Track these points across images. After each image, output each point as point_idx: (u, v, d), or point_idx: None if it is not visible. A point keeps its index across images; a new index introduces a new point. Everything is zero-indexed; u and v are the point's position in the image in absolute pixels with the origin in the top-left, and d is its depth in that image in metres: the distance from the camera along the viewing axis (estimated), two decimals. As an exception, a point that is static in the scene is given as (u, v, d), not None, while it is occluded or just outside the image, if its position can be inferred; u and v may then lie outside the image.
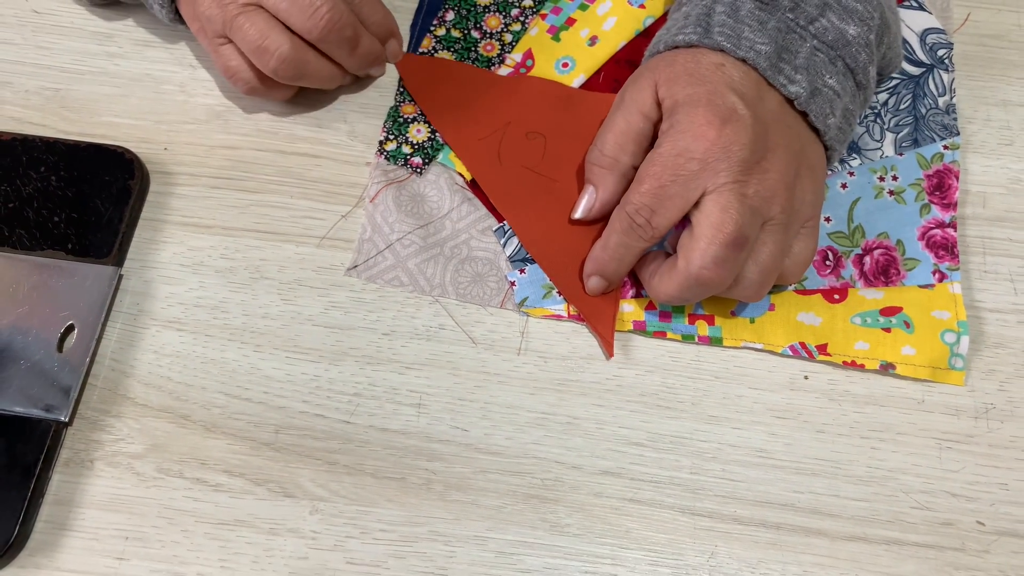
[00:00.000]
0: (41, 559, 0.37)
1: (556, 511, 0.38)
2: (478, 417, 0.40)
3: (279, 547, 0.38)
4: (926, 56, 0.47)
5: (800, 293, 0.42)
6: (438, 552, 0.37)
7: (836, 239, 0.43)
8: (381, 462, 0.39)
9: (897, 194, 0.44)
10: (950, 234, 0.43)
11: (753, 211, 0.37)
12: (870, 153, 0.45)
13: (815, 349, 0.41)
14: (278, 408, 0.40)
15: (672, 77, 0.39)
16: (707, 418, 0.40)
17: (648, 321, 0.41)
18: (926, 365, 0.40)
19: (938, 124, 0.46)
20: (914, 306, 0.42)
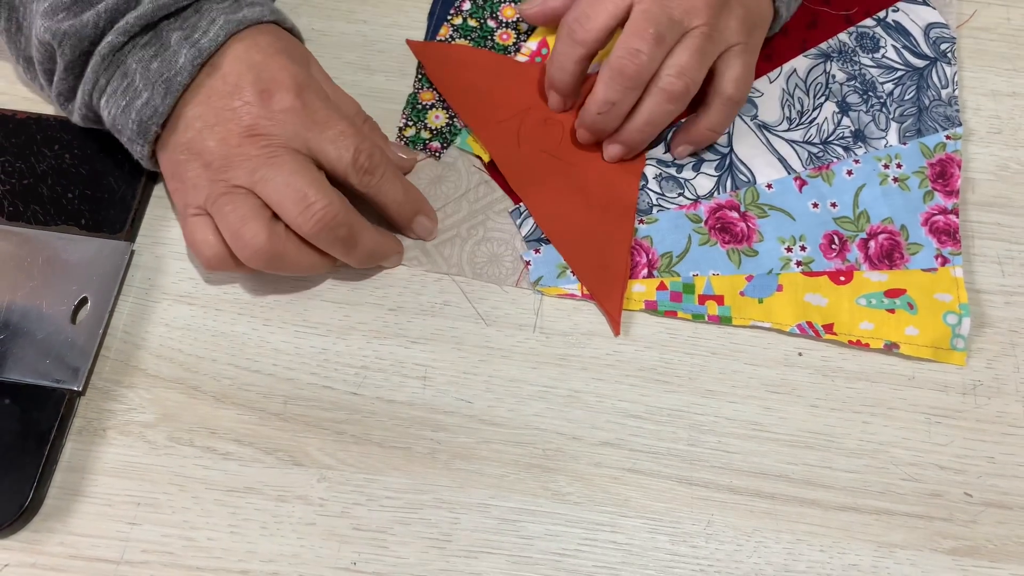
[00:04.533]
0: (55, 524, 0.38)
1: (557, 480, 0.39)
2: (482, 390, 0.41)
3: (287, 514, 0.39)
4: (930, 50, 0.49)
5: (807, 275, 0.43)
6: (442, 519, 0.39)
7: (842, 223, 0.45)
8: (387, 432, 0.40)
9: (901, 181, 0.45)
10: (952, 220, 0.44)
11: (672, 20, 0.41)
12: (875, 142, 0.47)
13: (822, 328, 0.42)
14: (287, 380, 0.41)
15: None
16: (704, 392, 0.41)
17: (660, 301, 0.43)
18: (929, 345, 0.42)
19: (941, 115, 0.47)
20: (917, 289, 0.43)
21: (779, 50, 0.49)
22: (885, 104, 0.47)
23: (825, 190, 0.45)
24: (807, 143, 0.47)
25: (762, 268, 0.43)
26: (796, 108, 0.48)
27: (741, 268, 0.43)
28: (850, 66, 0.49)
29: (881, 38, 0.49)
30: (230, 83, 0.39)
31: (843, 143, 0.47)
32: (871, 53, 0.49)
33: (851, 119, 0.47)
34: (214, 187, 0.38)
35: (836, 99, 0.48)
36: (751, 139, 0.47)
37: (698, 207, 0.45)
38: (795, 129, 0.47)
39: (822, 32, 0.50)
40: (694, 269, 0.43)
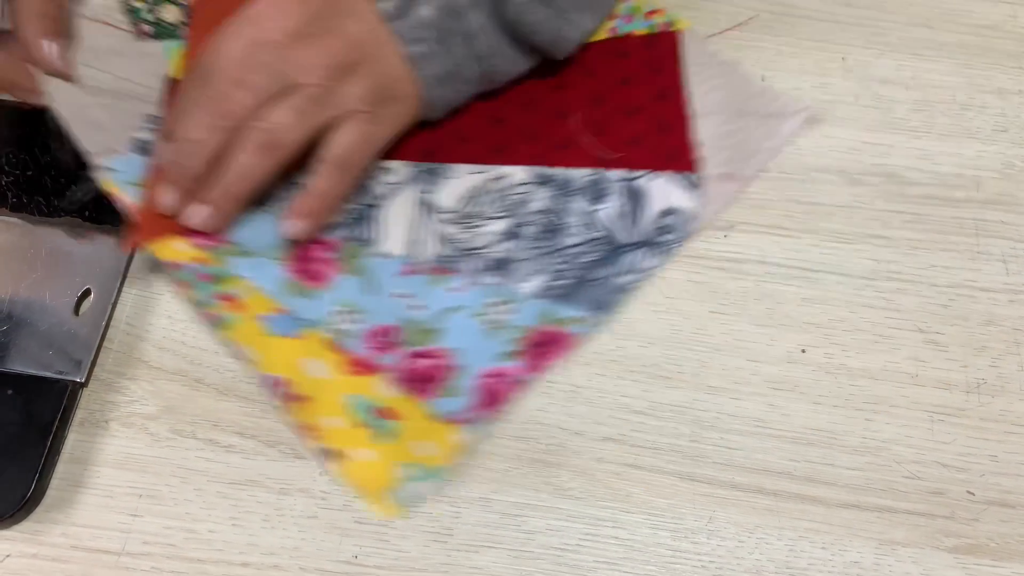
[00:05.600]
0: (57, 515, 0.38)
1: (559, 475, 0.39)
2: (484, 384, 0.41)
3: (289, 506, 0.39)
4: (648, 234, 0.44)
5: (336, 348, 0.41)
6: (444, 512, 0.39)
7: (408, 326, 0.41)
8: (389, 426, 0.40)
9: (496, 326, 0.42)
10: (505, 391, 0.40)
11: (280, 73, 0.39)
12: (507, 283, 0.43)
13: (295, 395, 0.39)
14: (289, 373, 0.41)
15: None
16: (707, 388, 0.41)
17: (187, 270, 0.41)
18: (367, 480, 0.38)
19: (593, 298, 0.42)
20: (411, 425, 0.39)
21: (511, 147, 0.46)
22: (553, 254, 0.43)
23: (422, 290, 0.42)
24: (452, 242, 0.44)
25: (302, 311, 0.41)
26: (475, 208, 0.44)
27: (284, 298, 0.41)
28: (559, 202, 0.44)
29: (612, 195, 0.45)
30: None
31: (484, 264, 0.43)
32: (591, 201, 0.44)
33: (508, 248, 0.43)
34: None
35: (515, 222, 0.44)
36: (406, 209, 0.44)
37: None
38: (455, 224, 0.44)
39: (565, 155, 0.46)
40: (249, 270, 0.42)
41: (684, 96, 0.47)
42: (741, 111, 0.47)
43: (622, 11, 0.50)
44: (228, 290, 0.41)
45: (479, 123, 0.47)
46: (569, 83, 0.48)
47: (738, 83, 0.48)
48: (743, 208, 0.45)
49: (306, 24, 0.40)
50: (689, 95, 0.47)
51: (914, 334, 0.43)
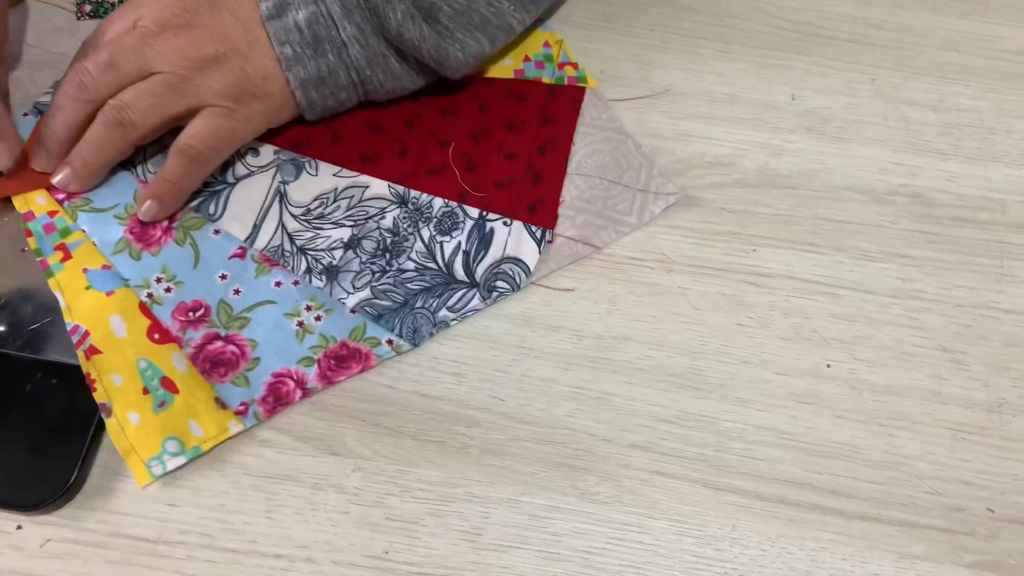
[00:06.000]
0: (96, 502, 0.39)
1: (586, 479, 0.40)
2: (514, 388, 0.42)
3: (322, 501, 0.39)
4: (480, 277, 0.44)
5: (143, 308, 0.42)
6: (473, 512, 0.39)
7: (221, 308, 0.43)
8: (422, 425, 0.41)
9: (306, 330, 0.42)
10: (290, 394, 0.41)
11: (139, 57, 0.42)
12: (333, 288, 0.43)
13: (90, 345, 0.40)
14: (325, 371, 0.42)
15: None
16: (733, 400, 0.42)
17: (37, 218, 0.44)
18: (128, 441, 0.39)
19: (409, 326, 0.43)
20: (190, 401, 0.40)
21: (380, 159, 0.47)
22: (384, 273, 0.44)
23: (247, 276, 0.43)
24: (294, 236, 0.44)
25: (125, 270, 0.43)
26: (325, 210, 0.45)
27: (113, 256, 0.43)
28: (407, 225, 0.45)
29: (462, 231, 0.45)
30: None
31: (314, 265, 0.44)
32: (437, 232, 0.45)
33: (343, 256, 0.44)
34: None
35: (357, 235, 0.45)
36: (260, 194, 0.46)
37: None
38: (303, 220, 0.45)
39: (430, 181, 0.46)
40: (91, 224, 0.44)
41: (568, 152, 0.48)
42: (615, 181, 0.47)
43: (535, 56, 0.51)
44: (66, 241, 0.43)
45: (355, 127, 0.48)
46: (458, 111, 0.48)
47: (622, 153, 0.48)
48: (771, 224, 0.46)
49: (180, 14, 0.43)
50: (571, 153, 0.48)
51: (937, 353, 0.43)
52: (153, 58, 0.42)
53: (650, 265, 0.45)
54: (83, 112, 0.43)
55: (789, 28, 0.53)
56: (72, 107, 0.43)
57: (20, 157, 0.44)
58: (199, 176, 0.44)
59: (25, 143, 0.45)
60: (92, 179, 0.44)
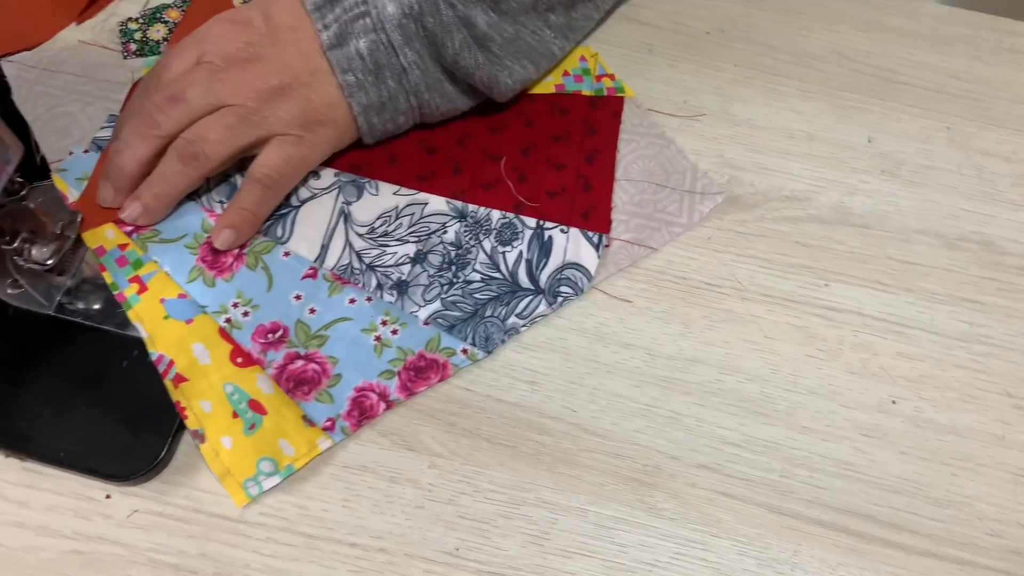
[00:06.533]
0: (182, 478, 0.41)
1: (653, 495, 0.41)
2: (587, 400, 0.43)
3: (398, 495, 0.41)
4: (544, 283, 0.46)
5: (223, 333, 0.43)
6: (542, 517, 0.41)
7: (299, 328, 0.44)
8: (496, 429, 0.42)
9: (383, 343, 0.44)
10: (374, 407, 0.42)
11: (210, 91, 0.43)
12: (404, 302, 0.45)
13: (175, 374, 0.42)
14: (406, 370, 0.44)
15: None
16: (799, 428, 0.43)
17: (108, 255, 0.44)
18: (225, 465, 0.40)
19: (482, 334, 0.44)
20: (281, 422, 0.41)
21: (437, 177, 0.48)
22: (452, 285, 0.45)
23: (320, 296, 0.45)
24: (360, 255, 0.46)
25: (201, 298, 0.44)
26: (388, 227, 0.47)
27: (187, 284, 0.44)
28: (469, 237, 0.47)
29: (521, 240, 0.47)
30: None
31: (384, 281, 0.45)
32: (500, 243, 0.47)
33: (411, 271, 0.46)
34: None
35: (423, 250, 0.46)
36: (325, 215, 0.47)
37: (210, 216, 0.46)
38: (368, 238, 0.46)
39: (486, 195, 0.48)
40: (163, 255, 0.45)
41: (614, 160, 0.49)
42: (662, 184, 0.49)
43: (573, 70, 0.53)
44: (140, 273, 0.44)
45: (411, 148, 0.49)
46: (506, 128, 0.50)
47: (666, 157, 0.50)
48: (844, 260, 0.47)
49: (244, 48, 0.44)
50: (617, 160, 0.50)
51: (1002, 397, 0.44)
52: (222, 92, 0.44)
53: (725, 292, 0.46)
54: (153, 147, 0.44)
55: (868, 72, 0.54)
56: (142, 143, 0.44)
57: (87, 194, 0.46)
58: (273, 203, 0.46)
59: (88, 179, 0.47)
60: (162, 213, 0.45)
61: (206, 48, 0.44)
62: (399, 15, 0.44)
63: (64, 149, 0.48)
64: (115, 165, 0.45)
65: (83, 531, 0.40)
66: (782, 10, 0.56)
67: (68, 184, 0.47)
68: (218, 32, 0.45)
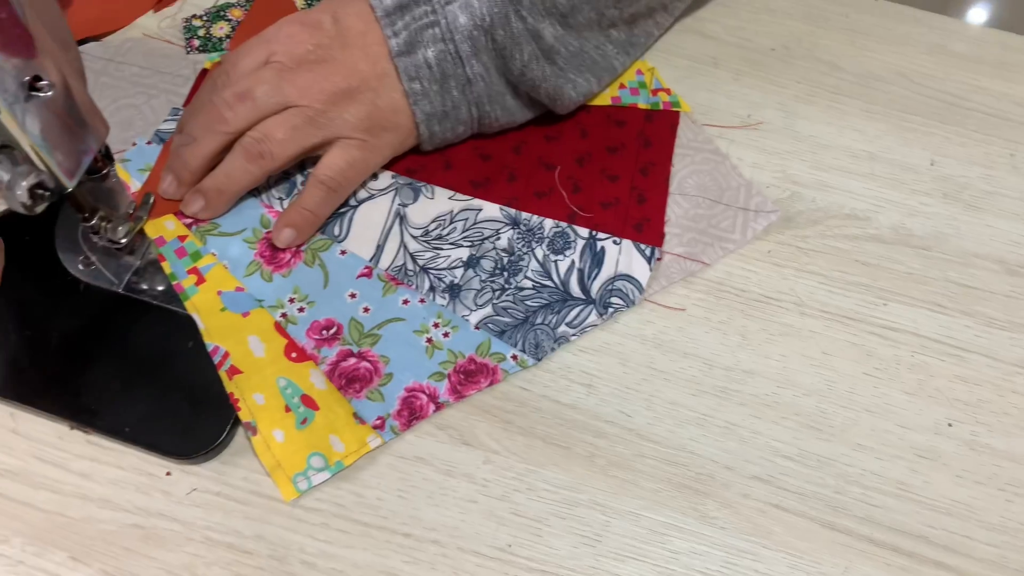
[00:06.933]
0: (241, 459, 0.41)
1: (706, 503, 0.41)
2: (642, 407, 0.43)
3: (452, 488, 0.41)
4: (596, 293, 0.46)
5: (278, 327, 0.44)
6: (595, 519, 0.41)
7: (353, 326, 0.44)
8: (551, 429, 0.43)
9: (435, 346, 0.44)
10: (424, 408, 0.42)
11: (278, 91, 0.44)
12: (456, 305, 0.45)
13: (231, 365, 0.42)
14: (464, 366, 0.44)
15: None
16: (854, 445, 0.43)
17: (168, 247, 0.45)
18: (276, 458, 0.41)
19: (532, 341, 0.44)
20: (332, 418, 0.42)
21: (491, 184, 0.49)
22: (504, 291, 0.46)
23: (374, 295, 0.45)
24: (416, 256, 0.46)
25: (258, 292, 0.45)
26: (443, 231, 0.47)
27: (245, 278, 0.45)
28: (521, 245, 0.47)
29: (574, 249, 0.47)
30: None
31: (436, 283, 0.46)
32: (551, 252, 0.47)
33: (463, 275, 0.46)
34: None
35: (476, 255, 0.47)
36: (381, 216, 0.47)
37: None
38: (423, 240, 0.47)
39: (539, 203, 0.48)
40: (221, 248, 0.45)
41: (668, 173, 0.50)
42: (717, 200, 0.49)
43: (630, 83, 0.53)
44: (198, 265, 0.45)
45: (466, 155, 0.50)
46: (561, 137, 0.51)
47: (721, 173, 0.50)
48: (902, 281, 0.47)
49: (313, 50, 0.45)
50: (671, 174, 0.50)
51: (1060, 427, 0.44)
52: (290, 92, 0.44)
53: (784, 306, 0.46)
54: (219, 143, 0.45)
55: (932, 96, 0.54)
56: (208, 138, 0.45)
57: (148, 185, 0.47)
58: (334, 205, 0.47)
59: (150, 170, 0.48)
60: (224, 208, 0.46)
61: (275, 48, 0.45)
62: (470, 26, 0.44)
63: (127, 140, 0.49)
64: (180, 158, 0.45)
65: (143, 506, 0.40)
66: (847, 30, 0.57)
67: (130, 174, 0.48)
68: (288, 33, 0.45)
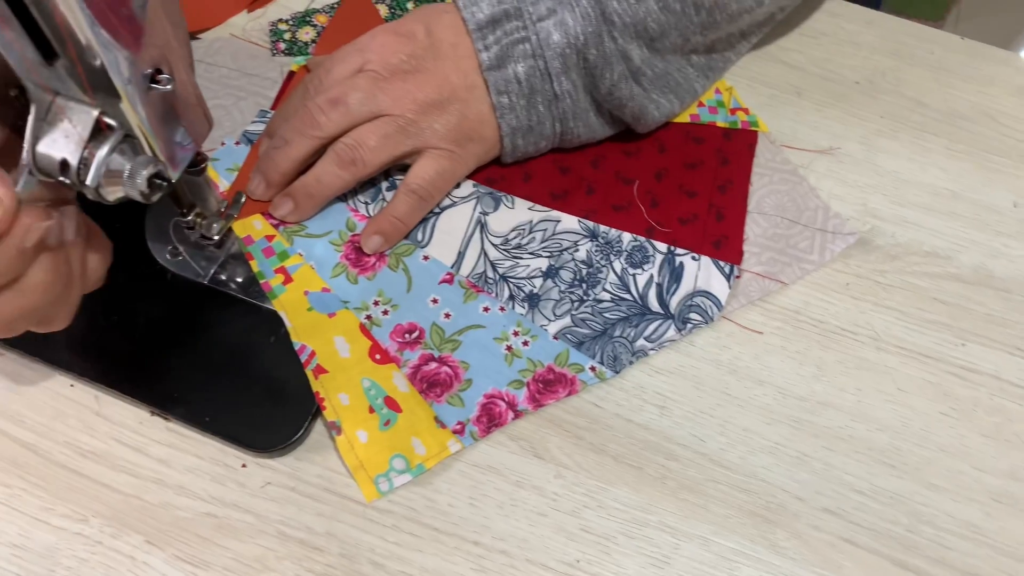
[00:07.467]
0: (315, 456, 0.42)
1: (776, 532, 0.41)
2: (716, 432, 0.43)
3: (523, 499, 0.41)
4: (674, 308, 0.46)
5: (363, 328, 0.44)
6: (664, 541, 0.41)
7: (434, 331, 0.45)
8: (623, 448, 0.43)
9: (514, 353, 0.44)
10: (503, 415, 0.43)
11: (372, 99, 0.45)
12: (535, 314, 0.45)
13: (317, 364, 0.43)
14: (539, 378, 0.44)
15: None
16: (928, 484, 0.43)
17: (256, 245, 0.46)
18: (359, 459, 0.41)
19: (610, 354, 0.45)
20: (413, 420, 0.42)
21: (570, 196, 0.49)
22: (582, 303, 0.46)
23: (456, 301, 0.46)
24: (496, 264, 0.47)
25: (343, 294, 0.45)
26: (522, 240, 0.48)
27: (331, 279, 0.45)
28: (599, 257, 0.47)
29: (652, 264, 0.47)
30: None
31: (516, 292, 0.46)
32: (629, 265, 0.47)
33: (543, 285, 0.46)
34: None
35: (555, 265, 0.47)
36: (463, 223, 0.48)
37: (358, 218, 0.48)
38: (503, 249, 0.47)
39: (618, 217, 0.49)
40: (308, 249, 0.46)
41: (746, 192, 0.50)
42: (795, 220, 0.49)
43: (708, 101, 0.53)
44: (285, 265, 0.46)
45: (545, 167, 0.50)
46: (640, 152, 0.51)
47: (799, 194, 0.50)
48: (983, 322, 0.47)
49: (407, 60, 0.46)
50: (749, 192, 0.50)
51: None
52: (383, 101, 0.45)
53: (860, 339, 0.46)
54: (311, 147, 0.45)
55: (1017, 137, 0.54)
56: (301, 141, 0.45)
57: (237, 185, 0.48)
58: (423, 213, 0.47)
59: (237, 170, 0.49)
60: (312, 212, 0.47)
61: (369, 57, 0.46)
62: (563, 44, 0.45)
63: (216, 140, 0.50)
64: (271, 160, 0.46)
65: (218, 496, 0.41)
66: (933, 67, 0.56)
67: (218, 173, 0.49)
68: (382, 42, 0.46)
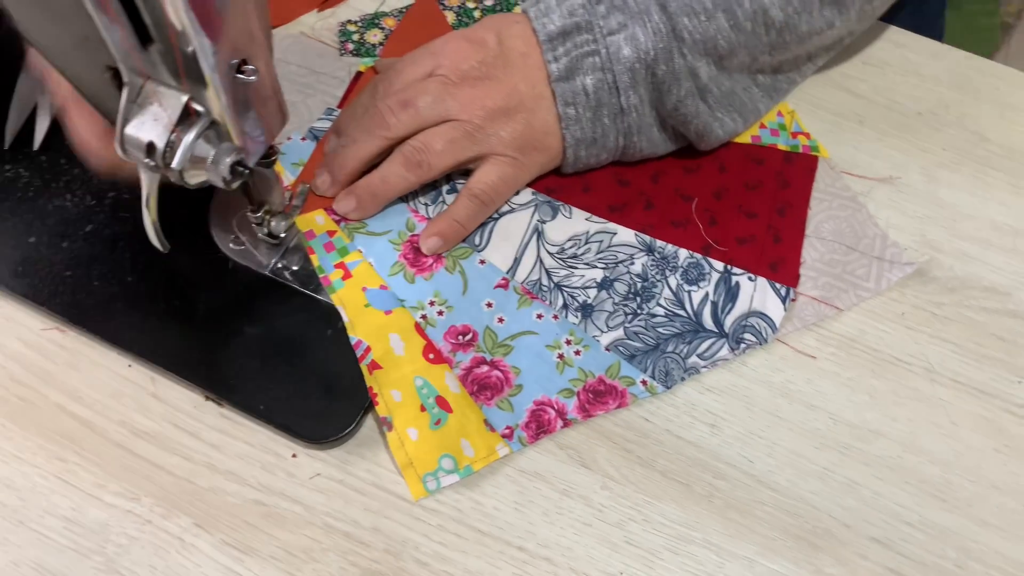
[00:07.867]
0: (366, 451, 0.42)
1: (821, 558, 0.41)
2: (764, 453, 0.43)
3: (568, 508, 0.41)
4: (728, 328, 0.46)
5: (418, 328, 0.44)
6: (709, 559, 0.41)
7: (487, 334, 0.45)
8: (671, 464, 0.43)
9: (566, 361, 0.45)
10: (552, 423, 0.43)
11: (440, 103, 0.45)
12: (587, 324, 0.46)
13: (372, 360, 0.43)
14: (590, 389, 0.44)
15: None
16: (979, 521, 0.42)
17: (319, 241, 0.47)
18: (408, 456, 0.41)
19: (662, 368, 0.45)
20: (464, 421, 0.42)
21: (628, 209, 0.50)
22: (636, 316, 0.46)
23: (510, 306, 0.46)
24: (551, 272, 0.47)
25: (400, 292, 0.46)
26: (578, 250, 0.48)
27: (389, 277, 0.46)
28: (655, 272, 0.47)
29: (708, 282, 0.47)
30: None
31: (570, 301, 0.46)
32: (684, 281, 0.47)
33: (597, 296, 0.47)
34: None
35: (610, 277, 0.47)
36: (520, 230, 0.48)
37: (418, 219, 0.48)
38: (558, 258, 0.48)
39: (675, 233, 0.49)
40: (368, 246, 0.47)
41: (805, 216, 0.50)
42: (852, 247, 0.49)
43: (770, 123, 0.53)
44: (345, 261, 0.46)
45: (604, 179, 0.51)
46: (700, 170, 0.51)
47: (858, 221, 0.50)
48: (1040, 361, 0.47)
49: (477, 67, 0.46)
50: (808, 217, 0.50)
51: None
52: (452, 106, 0.46)
53: (914, 370, 0.46)
54: (378, 147, 0.46)
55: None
56: (369, 141, 0.46)
57: (301, 180, 0.49)
58: (482, 218, 0.48)
59: (303, 165, 0.50)
60: (375, 211, 0.48)
61: (441, 62, 0.47)
62: (633, 59, 0.45)
63: (282, 135, 0.51)
64: (338, 157, 0.47)
65: (267, 484, 0.41)
66: (997, 103, 0.56)
67: (284, 168, 0.49)
68: (454, 48, 0.47)
